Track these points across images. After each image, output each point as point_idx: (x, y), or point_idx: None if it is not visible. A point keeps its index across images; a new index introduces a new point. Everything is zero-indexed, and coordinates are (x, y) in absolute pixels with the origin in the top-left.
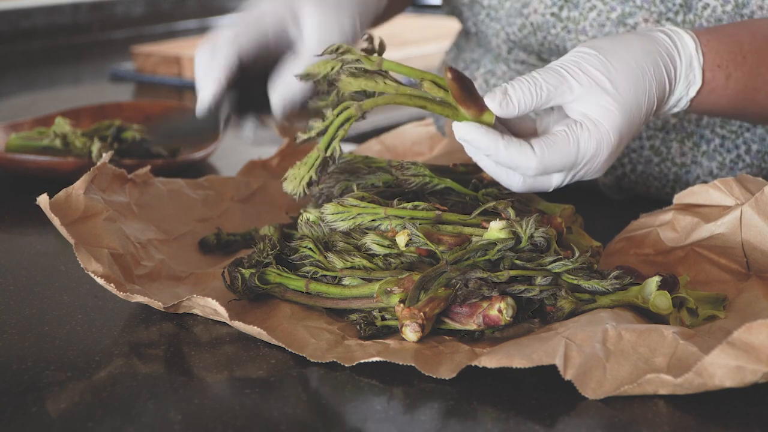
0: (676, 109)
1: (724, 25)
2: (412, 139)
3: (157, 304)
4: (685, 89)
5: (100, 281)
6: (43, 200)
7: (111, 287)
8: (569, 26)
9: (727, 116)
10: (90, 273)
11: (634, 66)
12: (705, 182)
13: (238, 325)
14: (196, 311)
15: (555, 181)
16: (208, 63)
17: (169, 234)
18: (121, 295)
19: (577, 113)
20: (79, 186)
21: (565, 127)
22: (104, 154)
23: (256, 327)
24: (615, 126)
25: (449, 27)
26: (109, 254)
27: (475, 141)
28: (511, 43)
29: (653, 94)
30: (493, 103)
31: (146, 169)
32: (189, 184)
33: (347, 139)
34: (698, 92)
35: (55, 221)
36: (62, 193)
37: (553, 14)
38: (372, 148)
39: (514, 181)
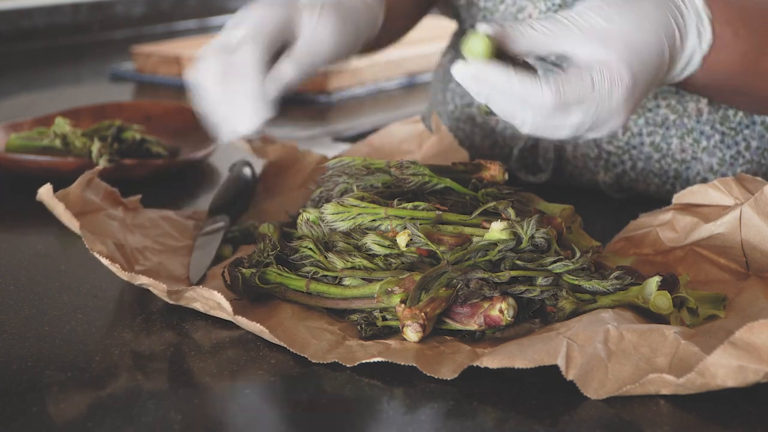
0: (690, 68)
1: None
2: (400, 137)
3: (161, 287)
4: (697, 41)
5: (105, 262)
6: (45, 190)
7: (116, 267)
8: None
9: (736, 87)
10: (95, 254)
11: (633, 4)
12: (705, 179)
13: (240, 320)
14: (198, 305)
15: (574, 119)
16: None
17: (165, 246)
18: (125, 276)
19: (584, 57)
20: (76, 187)
21: (574, 67)
22: (101, 161)
23: (258, 324)
24: (623, 59)
25: (447, 27)
26: (112, 242)
27: (484, 73)
28: None
29: (661, 35)
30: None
31: (137, 198)
32: (178, 214)
33: (345, 139)
34: (710, 47)
35: (59, 207)
36: (60, 192)
37: None
38: (360, 150)
39: (525, 118)
